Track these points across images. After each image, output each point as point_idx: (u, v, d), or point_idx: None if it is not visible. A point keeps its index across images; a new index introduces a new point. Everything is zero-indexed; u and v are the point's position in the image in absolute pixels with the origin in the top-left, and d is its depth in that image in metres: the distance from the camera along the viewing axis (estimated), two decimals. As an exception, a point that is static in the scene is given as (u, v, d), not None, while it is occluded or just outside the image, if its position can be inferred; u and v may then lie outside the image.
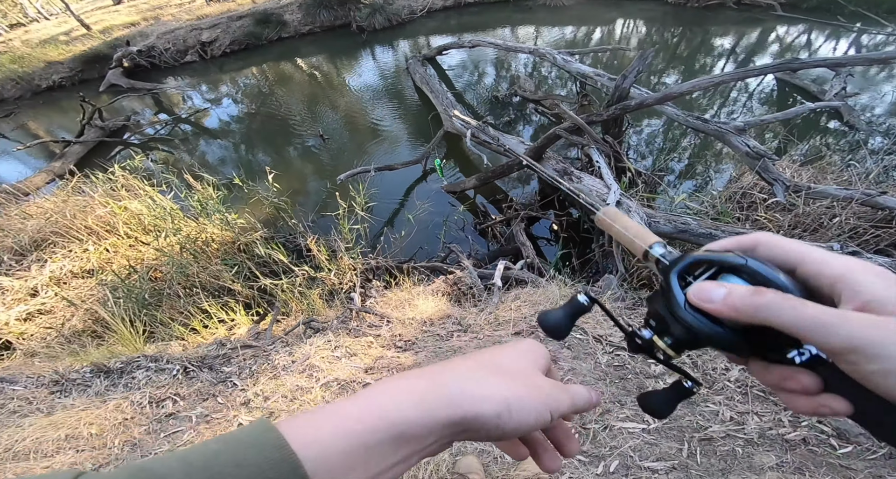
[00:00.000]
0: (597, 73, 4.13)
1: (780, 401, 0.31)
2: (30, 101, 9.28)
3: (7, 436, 1.58)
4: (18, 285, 3.08)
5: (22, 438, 1.57)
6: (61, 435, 1.59)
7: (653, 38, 7.86)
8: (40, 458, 1.52)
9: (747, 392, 1.40)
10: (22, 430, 1.61)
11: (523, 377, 0.30)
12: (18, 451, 1.53)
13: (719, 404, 1.38)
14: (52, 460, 1.51)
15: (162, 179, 3.85)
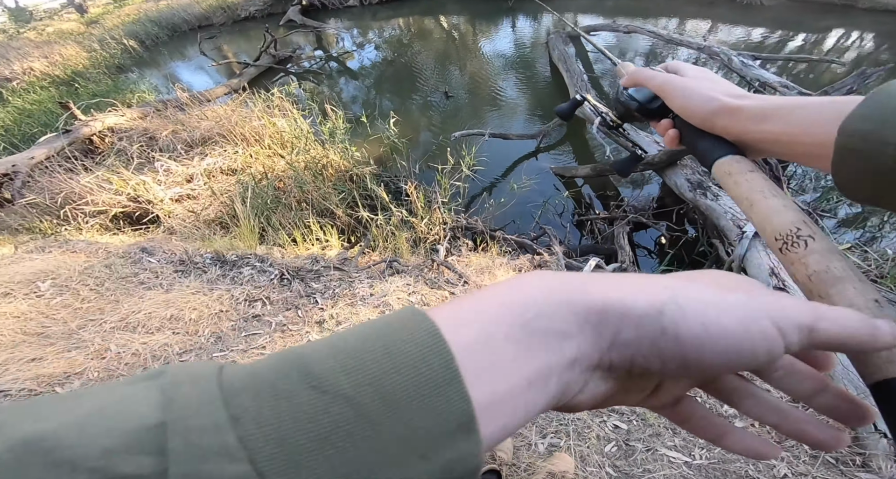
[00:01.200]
0: (783, 83, 3.44)
1: None
2: (229, 27, 11.19)
3: (128, 306, 1.84)
4: (181, 170, 3.74)
5: (138, 309, 1.82)
6: (168, 315, 1.81)
7: (880, 56, 6.17)
8: (143, 333, 1.71)
9: (819, 456, 1.26)
10: (141, 302, 1.87)
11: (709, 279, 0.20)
12: (130, 322, 1.77)
13: (781, 459, 1.25)
14: (151, 337, 1.70)
15: (306, 106, 4.35)
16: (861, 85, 2.71)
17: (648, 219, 2.93)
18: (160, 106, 5.15)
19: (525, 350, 0.17)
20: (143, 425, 0.13)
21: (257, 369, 0.16)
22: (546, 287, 0.18)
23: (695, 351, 0.17)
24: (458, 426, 0.15)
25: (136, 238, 2.95)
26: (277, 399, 0.14)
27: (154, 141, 4.38)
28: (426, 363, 0.15)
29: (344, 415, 0.14)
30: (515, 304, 0.18)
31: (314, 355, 0.16)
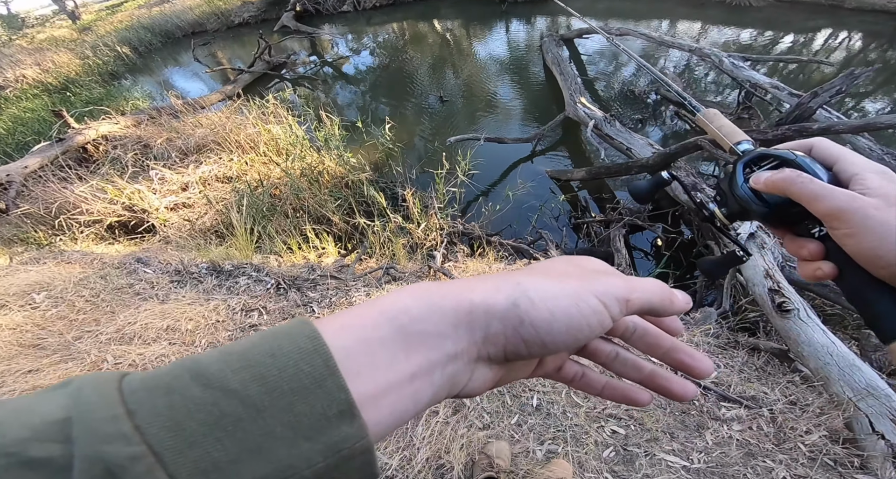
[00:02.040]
0: (773, 84, 3.50)
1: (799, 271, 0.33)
2: (223, 33, 11.18)
3: (124, 317, 1.83)
4: (176, 178, 3.72)
5: (134, 321, 1.81)
6: (164, 325, 1.80)
7: (867, 56, 6.25)
8: (140, 344, 1.71)
9: (817, 458, 1.27)
10: (137, 313, 1.86)
11: (552, 270, 0.25)
12: (126, 333, 1.76)
13: (779, 462, 1.26)
14: (148, 348, 1.69)
15: (301, 112, 4.35)
16: (850, 85, 2.72)
17: (644, 221, 2.94)
18: (154, 113, 5.14)
19: (403, 350, 0.20)
20: (50, 419, 0.16)
21: (154, 373, 0.18)
22: (421, 296, 0.21)
23: (547, 332, 0.21)
24: (338, 412, 0.18)
25: (131, 248, 2.93)
26: (170, 395, 0.17)
27: (148, 149, 4.37)
28: (307, 362, 0.18)
29: (231, 405, 0.17)
30: (392, 312, 0.21)
31: (205, 360, 0.18)
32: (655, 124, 4.47)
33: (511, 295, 0.21)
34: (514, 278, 0.23)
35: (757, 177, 0.32)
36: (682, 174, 2.74)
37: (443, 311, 0.21)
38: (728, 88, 4.94)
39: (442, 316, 0.21)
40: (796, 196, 0.29)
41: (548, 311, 0.21)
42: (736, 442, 1.32)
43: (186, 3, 12.67)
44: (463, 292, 0.22)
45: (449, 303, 0.21)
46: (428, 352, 0.20)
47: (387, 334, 0.20)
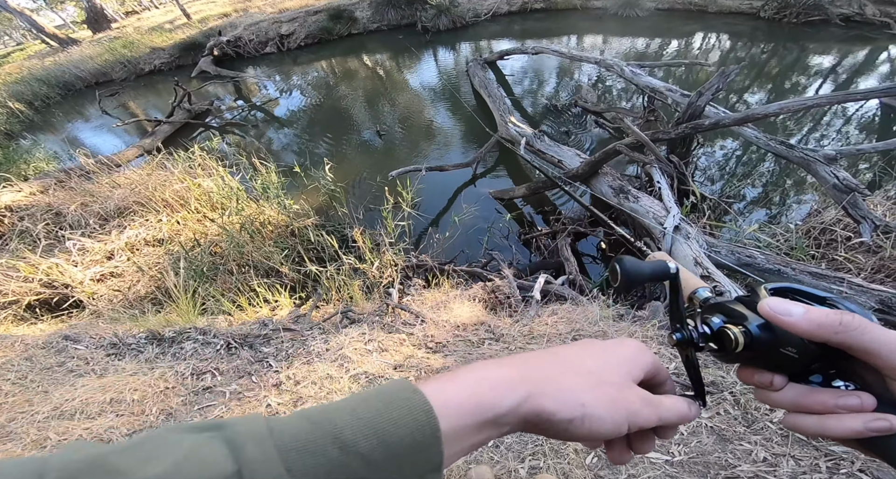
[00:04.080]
0: (668, 87, 3.91)
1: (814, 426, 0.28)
2: (133, 82, 10.48)
3: (59, 395, 1.71)
4: (98, 247, 3.40)
5: (72, 397, 1.69)
6: (107, 398, 1.69)
7: (737, 55, 7.27)
8: (84, 419, 1.61)
9: (788, 435, 1.31)
10: (74, 390, 1.74)
11: (610, 387, 0.30)
12: (66, 410, 1.64)
13: (755, 443, 1.30)
14: (93, 422, 1.59)
15: (233, 161, 4.17)
16: (725, 83, 3.03)
17: (586, 228, 3.14)
18: (63, 176, 4.67)
19: (476, 433, 0.26)
20: (223, 472, 0.19)
21: (299, 430, 0.22)
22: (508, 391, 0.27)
23: (581, 437, 0.29)
24: (431, 469, 0.24)
25: (56, 326, 2.68)
26: (316, 457, 0.21)
27: (61, 217, 3.95)
28: (421, 433, 0.23)
29: (359, 466, 0.22)
30: (484, 407, 0.26)
31: (341, 423, 0.23)
32: (581, 134, 4.82)
33: (571, 415, 0.28)
34: (581, 398, 0.28)
35: (785, 308, 0.27)
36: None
37: (519, 413, 0.27)
38: (635, 94, 5.49)
39: (516, 416, 0.27)
40: (867, 348, 0.26)
41: (589, 431, 0.28)
42: (708, 429, 1.36)
43: (85, 52, 11.78)
44: (539, 397, 0.28)
45: (526, 408, 0.27)
46: (493, 432, 0.27)
47: (472, 423, 0.26)
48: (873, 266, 2.43)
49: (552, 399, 0.27)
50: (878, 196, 3.01)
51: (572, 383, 0.29)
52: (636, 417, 0.29)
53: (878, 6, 7.46)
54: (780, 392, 0.29)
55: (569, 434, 0.28)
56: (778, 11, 8.08)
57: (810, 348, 0.27)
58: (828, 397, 0.27)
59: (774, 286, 0.31)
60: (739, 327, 0.29)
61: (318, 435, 0.22)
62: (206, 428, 0.22)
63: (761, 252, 2.49)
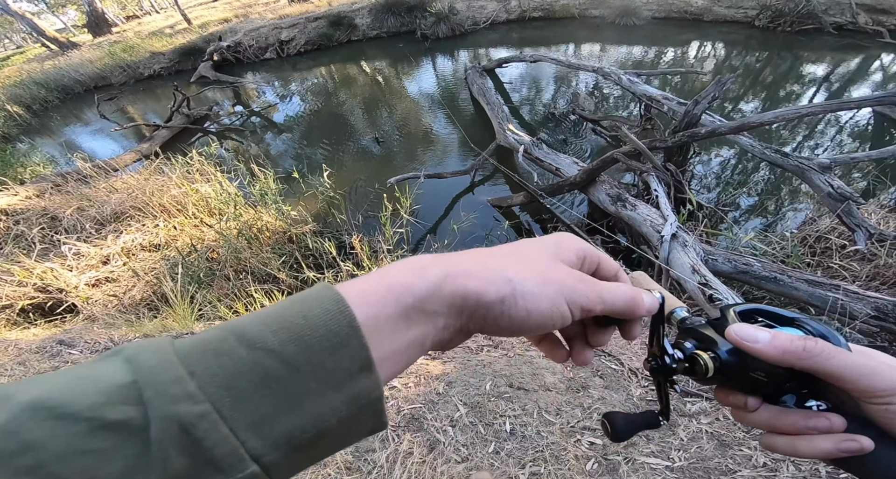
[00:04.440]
0: (665, 96, 3.94)
1: (786, 447, 0.29)
2: (132, 87, 10.50)
3: None
4: (94, 252, 3.37)
5: None
6: None
7: (732, 63, 7.37)
8: None
9: None
10: None
11: (539, 263, 0.28)
12: None
13: (755, 449, 1.30)
14: None
15: (231, 167, 4.16)
16: (721, 91, 3.05)
17: (583, 236, 3.15)
18: (59, 180, 4.65)
19: (405, 324, 0.24)
20: (118, 383, 0.18)
21: (201, 337, 0.20)
22: (424, 274, 0.25)
23: (519, 326, 0.26)
24: (359, 367, 0.21)
25: (50, 330, 2.65)
26: (221, 357, 0.19)
27: (57, 221, 3.93)
28: (335, 322, 0.21)
29: (273, 365, 0.20)
30: (398, 289, 0.24)
31: (246, 323, 0.21)
32: (578, 142, 4.86)
33: (500, 292, 0.25)
34: (506, 273, 0.26)
35: (750, 335, 0.27)
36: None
37: (441, 294, 0.25)
38: (632, 102, 5.54)
39: (440, 299, 0.25)
40: (834, 372, 0.26)
41: (526, 311, 0.26)
42: (708, 435, 1.37)
43: (84, 55, 11.82)
44: (461, 277, 0.25)
45: (448, 288, 0.25)
46: (423, 326, 0.25)
47: (392, 312, 0.23)
48: (868, 274, 2.45)
49: (475, 278, 0.25)
50: (872, 205, 3.04)
51: (494, 262, 0.27)
52: (573, 293, 0.27)
53: (870, 15, 7.59)
54: (755, 413, 0.29)
55: (506, 318, 0.25)
56: (772, 20, 8.21)
57: (779, 372, 0.27)
58: (798, 419, 0.28)
59: (743, 309, 0.31)
60: (709, 353, 0.29)
61: (221, 337, 0.20)
62: (108, 355, 0.20)
63: (757, 260, 2.50)
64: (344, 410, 0.21)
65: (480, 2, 10.66)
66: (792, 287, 2.25)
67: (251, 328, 0.20)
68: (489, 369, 1.72)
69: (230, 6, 15.79)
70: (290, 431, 0.19)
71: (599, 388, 1.61)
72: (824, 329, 0.28)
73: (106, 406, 0.17)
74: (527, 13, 10.44)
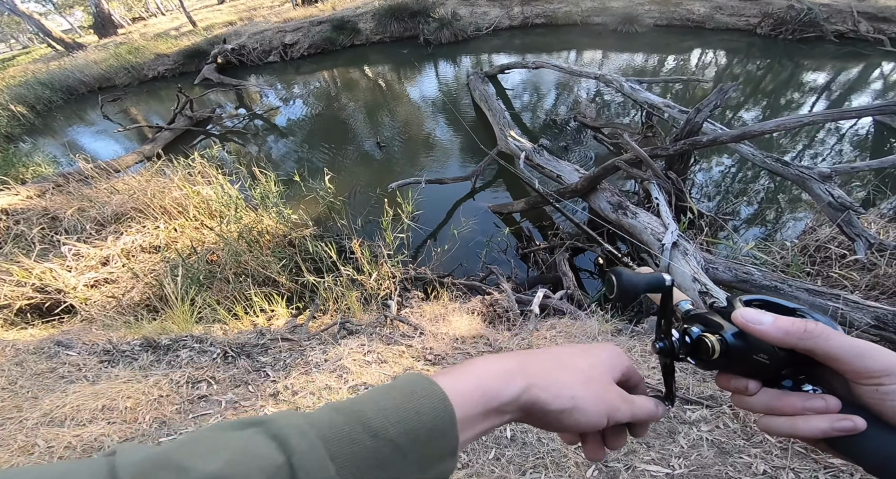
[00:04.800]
0: (666, 103, 3.96)
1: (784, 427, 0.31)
2: (136, 88, 10.54)
3: (49, 401, 1.69)
4: (94, 252, 3.36)
5: (63, 404, 1.67)
6: (99, 405, 1.67)
7: (734, 71, 7.40)
8: (74, 426, 1.59)
9: (787, 448, 1.31)
10: (65, 396, 1.72)
11: (597, 384, 0.33)
12: (55, 417, 1.62)
13: (755, 456, 1.30)
14: (84, 429, 1.58)
15: (233, 169, 4.17)
16: (723, 99, 3.07)
17: (584, 243, 3.14)
18: (61, 180, 4.67)
19: (482, 420, 0.30)
20: (276, 464, 0.22)
21: (331, 420, 0.25)
22: (510, 382, 0.31)
23: (563, 429, 0.33)
24: (449, 453, 0.27)
25: (48, 331, 2.66)
26: (353, 445, 0.24)
27: (57, 222, 3.93)
28: (441, 420, 0.27)
29: (388, 451, 0.25)
30: (489, 394, 0.30)
31: (368, 411, 0.26)
32: (579, 149, 4.86)
33: (563, 406, 0.31)
34: (573, 391, 0.32)
35: (756, 317, 0.29)
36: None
37: (519, 402, 0.30)
38: (633, 110, 5.56)
39: (517, 405, 0.31)
40: (831, 354, 0.28)
41: (576, 421, 0.32)
42: (708, 442, 1.37)
43: (90, 56, 11.86)
44: (535, 389, 0.31)
45: (525, 398, 0.31)
46: (494, 421, 0.31)
47: (479, 412, 0.29)
48: (868, 283, 2.44)
49: (547, 392, 0.31)
50: (872, 214, 3.04)
51: (565, 378, 0.33)
52: (615, 412, 0.33)
53: (871, 23, 7.64)
54: (755, 397, 0.32)
55: (558, 423, 0.32)
56: (774, 28, 8.25)
57: (780, 355, 0.30)
58: (797, 400, 0.30)
59: (749, 298, 0.34)
60: (716, 336, 0.32)
61: (352, 425, 0.25)
62: (249, 424, 0.24)
63: (758, 269, 2.50)
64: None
65: (483, 8, 10.73)
66: (793, 296, 2.24)
67: (375, 421, 0.25)
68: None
69: (235, 9, 15.91)
70: None
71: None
72: (823, 318, 0.31)
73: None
74: (529, 20, 10.50)
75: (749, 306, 0.32)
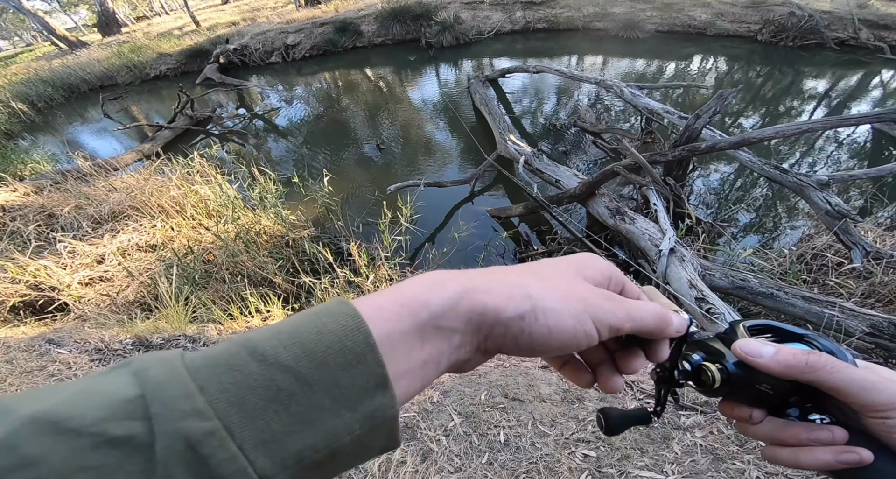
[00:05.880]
0: (666, 110, 3.96)
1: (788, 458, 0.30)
2: (137, 87, 10.57)
3: None
4: (89, 250, 3.35)
5: None
6: None
7: (734, 77, 7.43)
8: None
9: None
10: None
11: (560, 281, 0.27)
12: None
13: (748, 463, 1.30)
14: None
15: (232, 169, 4.16)
16: (723, 106, 3.07)
17: (581, 248, 3.14)
18: (59, 178, 4.66)
19: (419, 341, 0.23)
20: (124, 397, 0.17)
21: (212, 351, 0.20)
22: (440, 291, 0.24)
23: (541, 344, 0.25)
24: (375, 384, 0.20)
25: (40, 329, 2.63)
26: (232, 372, 0.19)
27: (54, 219, 3.93)
28: (350, 338, 0.20)
29: (286, 381, 0.19)
30: (413, 306, 0.23)
31: (258, 338, 0.20)
32: (578, 154, 4.87)
33: (520, 307, 0.24)
34: (527, 289, 0.25)
35: (755, 349, 0.28)
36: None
37: (458, 310, 0.24)
38: (633, 116, 5.57)
39: (457, 315, 0.24)
40: (837, 386, 0.27)
41: (547, 328, 0.25)
42: (702, 448, 1.37)
43: (93, 55, 11.90)
44: (478, 292, 0.24)
45: (465, 304, 0.24)
46: (439, 343, 0.24)
47: (407, 328, 0.23)
48: (864, 291, 2.44)
49: (494, 294, 0.24)
50: (869, 222, 3.04)
51: (515, 278, 0.26)
52: (601, 310, 0.26)
53: (872, 30, 7.69)
54: (759, 425, 0.30)
55: (525, 336, 0.24)
56: (775, 35, 8.29)
57: (784, 385, 0.28)
58: (801, 431, 0.28)
59: (752, 324, 0.32)
60: (717, 365, 0.30)
61: (233, 351, 0.19)
62: (117, 366, 0.20)
63: (755, 276, 2.49)
64: (358, 428, 0.20)
65: (485, 12, 10.78)
66: (789, 303, 2.24)
67: (264, 343, 0.20)
68: (484, 379, 1.71)
69: (239, 9, 15.98)
70: (301, 450, 0.19)
71: (595, 400, 1.60)
72: (832, 345, 0.29)
73: (110, 421, 0.16)
74: (531, 24, 10.55)
75: (753, 332, 0.31)
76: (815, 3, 8.54)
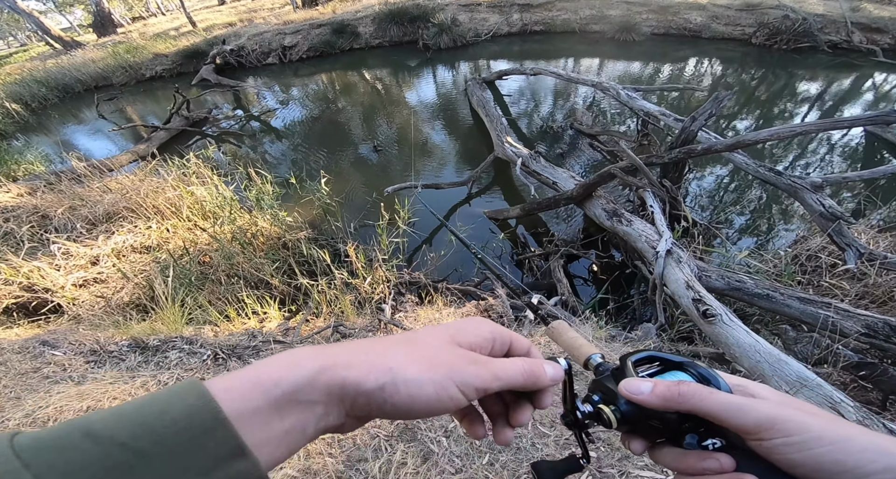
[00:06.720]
0: (662, 112, 3.98)
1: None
2: (132, 87, 10.49)
3: (33, 402, 1.67)
4: (83, 252, 3.32)
5: (46, 405, 1.64)
6: (83, 406, 1.64)
7: (728, 80, 7.49)
8: None
9: None
10: (49, 397, 1.69)
11: (425, 349, 0.29)
12: (38, 417, 1.59)
13: None
14: None
15: (228, 170, 4.13)
16: (718, 108, 3.07)
17: (578, 250, 3.15)
18: (53, 178, 4.61)
19: (277, 415, 0.24)
20: None
21: (44, 432, 0.20)
22: (295, 368, 0.25)
23: (406, 412, 0.26)
24: (231, 453, 0.21)
25: (33, 330, 2.62)
26: (63, 451, 0.19)
27: (47, 220, 3.89)
28: (198, 416, 0.21)
29: (122, 456, 0.19)
30: (265, 384, 0.24)
31: (96, 418, 0.20)
32: (575, 156, 4.88)
33: (379, 380, 0.26)
34: (388, 362, 0.27)
35: (636, 388, 0.29)
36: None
37: (314, 385, 0.25)
38: (629, 118, 5.60)
39: (313, 389, 0.25)
40: (709, 411, 0.27)
41: (409, 397, 0.26)
42: None
43: (87, 55, 11.80)
44: (338, 368, 0.26)
45: (324, 379, 0.25)
46: (300, 415, 0.25)
47: (260, 404, 0.24)
48: (858, 292, 2.46)
49: (354, 368, 0.26)
50: (863, 224, 3.07)
51: (378, 350, 0.28)
52: (463, 375, 0.27)
53: (865, 33, 7.78)
54: (661, 455, 0.31)
55: (389, 405, 0.26)
56: (769, 38, 8.38)
57: (670, 417, 0.29)
58: (695, 460, 0.29)
59: (637, 357, 0.34)
60: (611, 406, 0.32)
61: (65, 432, 0.20)
62: None
63: (750, 277, 2.51)
64: None
65: (483, 14, 10.81)
66: (784, 304, 2.25)
67: (99, 424, 0.20)
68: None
69: (236, 10, 15.94)
70: None
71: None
72: (707, 372, 0.31)
73: None
74: (528, 27, 10.59)
75: (638, 364, 0.33)
76: (808, 7, 8.64)
